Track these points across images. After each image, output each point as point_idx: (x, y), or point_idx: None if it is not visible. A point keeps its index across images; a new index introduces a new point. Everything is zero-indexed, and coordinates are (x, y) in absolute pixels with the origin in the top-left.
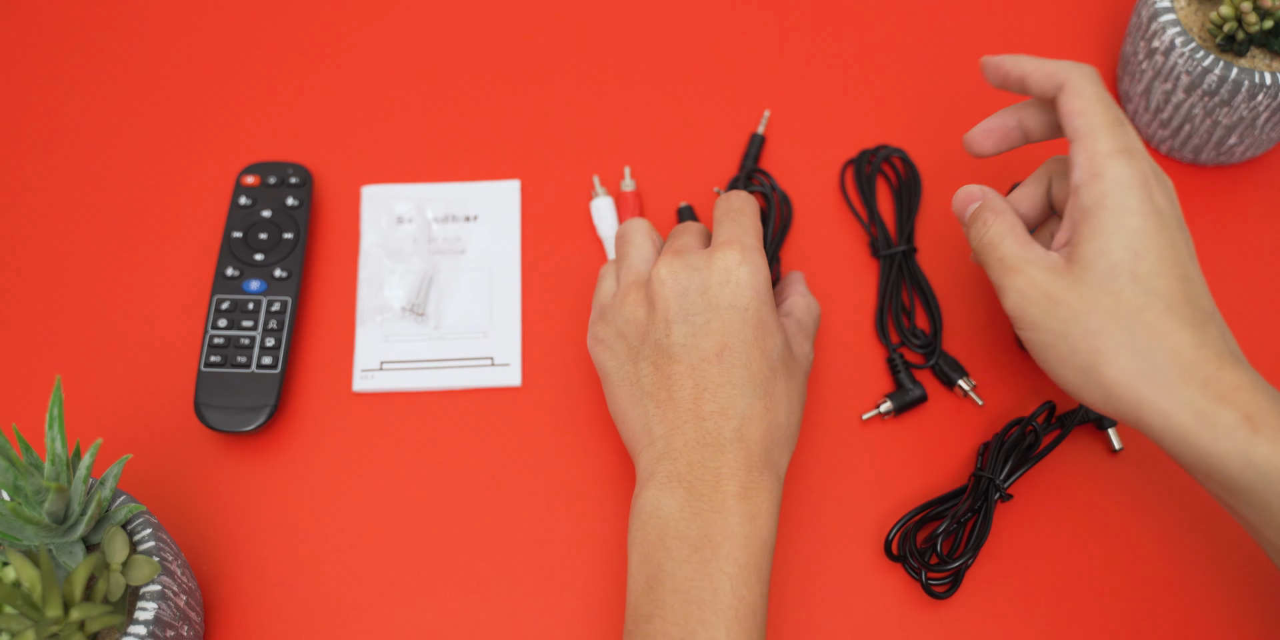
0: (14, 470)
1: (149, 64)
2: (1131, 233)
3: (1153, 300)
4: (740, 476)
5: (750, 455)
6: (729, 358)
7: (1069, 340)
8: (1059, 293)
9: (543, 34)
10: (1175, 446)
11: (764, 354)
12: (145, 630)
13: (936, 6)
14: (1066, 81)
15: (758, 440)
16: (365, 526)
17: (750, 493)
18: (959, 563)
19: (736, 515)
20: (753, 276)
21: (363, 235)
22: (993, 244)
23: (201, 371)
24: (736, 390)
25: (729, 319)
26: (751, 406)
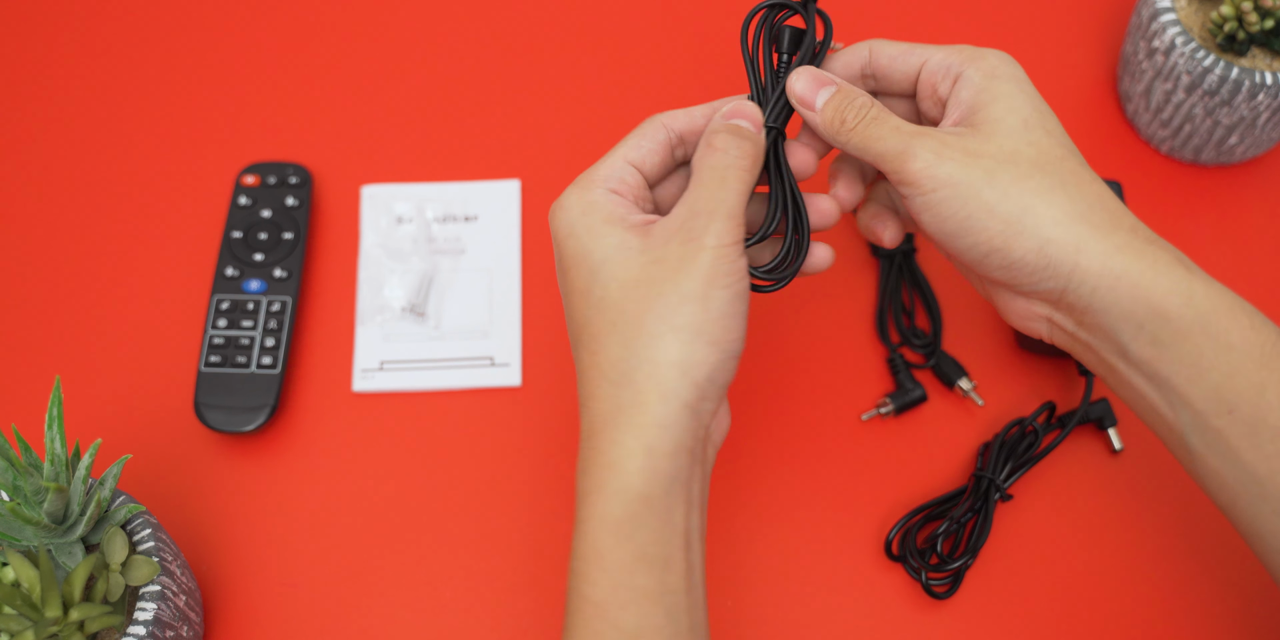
0: (13, 470)
1: (149, 64)
2: (1031, 98)
3: (1067, 153)
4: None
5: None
6: (568, 312)
7: (996, 185)
8: (976, 146)
9: (542, 33)
10: (1114, 291)
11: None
12: (145, 630)
13: (936, 7)
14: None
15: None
16: (365, 526)
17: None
18: (959, 563)
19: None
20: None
21: (363, 235)
22: (879, 117)
23: (201, 371)
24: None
25: (560, 254)
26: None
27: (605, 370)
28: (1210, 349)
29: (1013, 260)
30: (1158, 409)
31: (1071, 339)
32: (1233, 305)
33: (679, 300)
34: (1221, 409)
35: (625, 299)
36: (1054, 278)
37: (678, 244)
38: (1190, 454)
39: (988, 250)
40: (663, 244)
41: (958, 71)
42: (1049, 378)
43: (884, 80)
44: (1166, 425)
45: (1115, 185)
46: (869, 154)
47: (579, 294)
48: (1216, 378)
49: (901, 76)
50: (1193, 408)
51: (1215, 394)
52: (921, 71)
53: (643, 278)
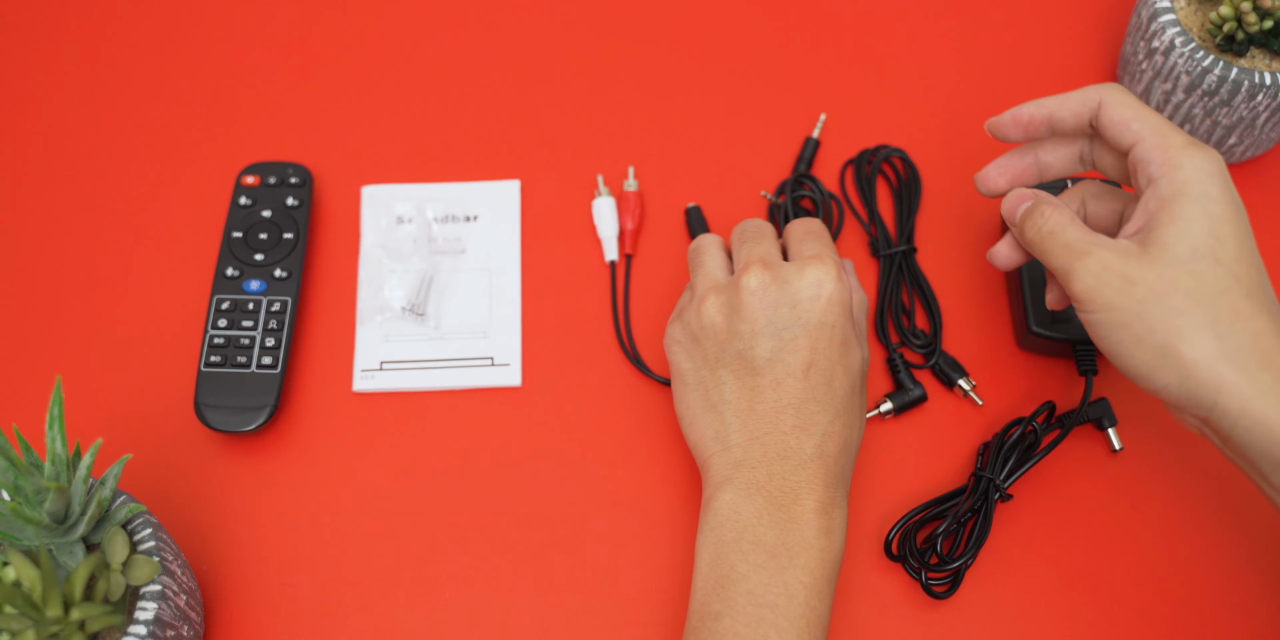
0: (14, 470)
1: (149, 64)
2: (1213, 219)
3: (1233, 284)
4: (819, 492)
5: (829, 471)
6: (814, 374)
7: (1146, 319)
8: (1136, 273)
9: (542, 33)
10: (1251, 433)
11: (846, 371)
12: (145, 630)
13: (936, 7)
14: (1102, 99)
15: (835, 457)
16: (365, 526)
17: (827, 508)
18: (959, 563)
19: (814, 528)
20: (842, 293)
21: (363, 235)
22: (1055, 232)
23: (201, 371)
24: (820, 407)
25: (817, 336)
26: (832, 424)
27: None
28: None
29: (1157, 388)
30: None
31: (1221, 446)
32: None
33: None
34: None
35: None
36: (1196, 408)
37: None
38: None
39: (1135, 374)
40: None
41: (1153, 175)
42: (1049, 378)
43: (1105, 139)
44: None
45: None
46: (1047, 265)
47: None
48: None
49: (1115, 146)
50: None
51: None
52: (1130, 154)
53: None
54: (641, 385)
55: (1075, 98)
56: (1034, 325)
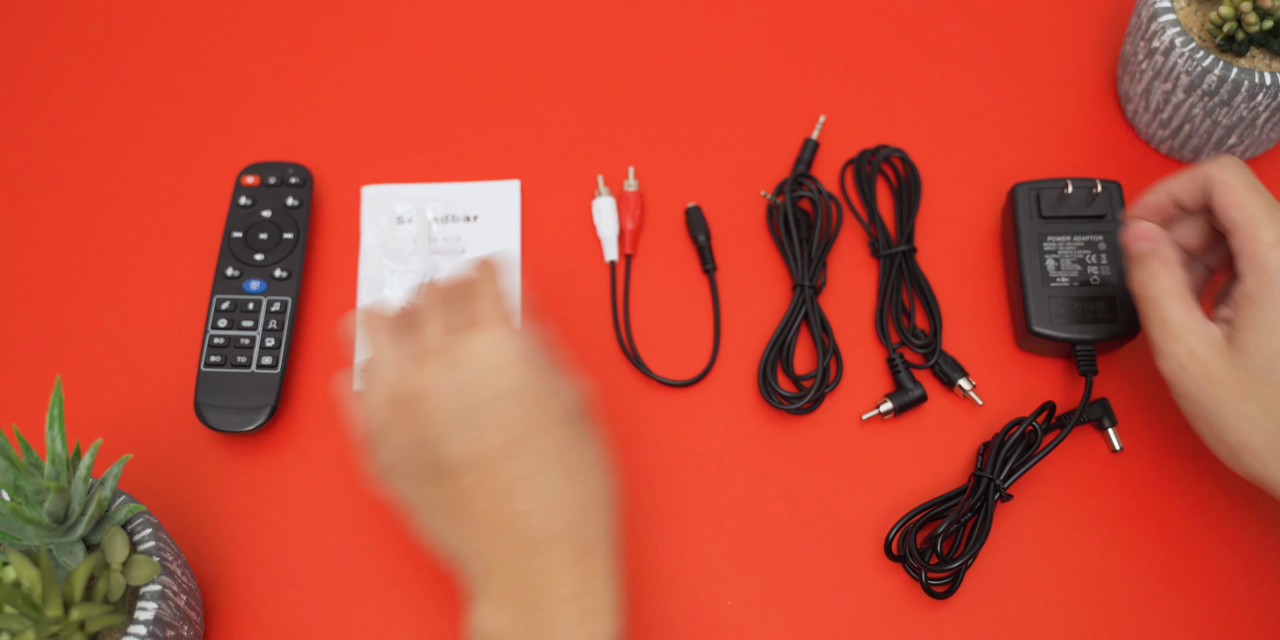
0: (14, 470)
1: (149, 64)
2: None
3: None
4: (569, 572)
5: (577, 542)
6: (522, 448)
7: (1221, 419)
8: (1217, 372)
9: (543, 33)
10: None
11: (555, 425)
12: (145, 630)
13: (936, 6)
14: (1212, 179)
15: (576, 523)
16: (365, 526)
17: (582, 589)
18: (959, 563)
19: (569, 621)
20: (521, 349)
21: (363, 235)
22: (1156, 301)
23: (201, 371)
24: (538, 480)
25: (511, 404)
26: (556, 491)
27: None
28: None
29: (1237, 473)
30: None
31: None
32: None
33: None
34: None
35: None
36: (1276, 492)
37: None
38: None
39: (1212, 449)
40: None
41: (1245, 269)
42: (1049, 378)
43: (1216, 219)
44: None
45: (1115, 185)
46: (1146, 327)
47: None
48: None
49: (1223, 227)
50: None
51: None
52: (1229, 240)
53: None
54: (641, 385)
55: (1188, 178)
56: (1034, 325)
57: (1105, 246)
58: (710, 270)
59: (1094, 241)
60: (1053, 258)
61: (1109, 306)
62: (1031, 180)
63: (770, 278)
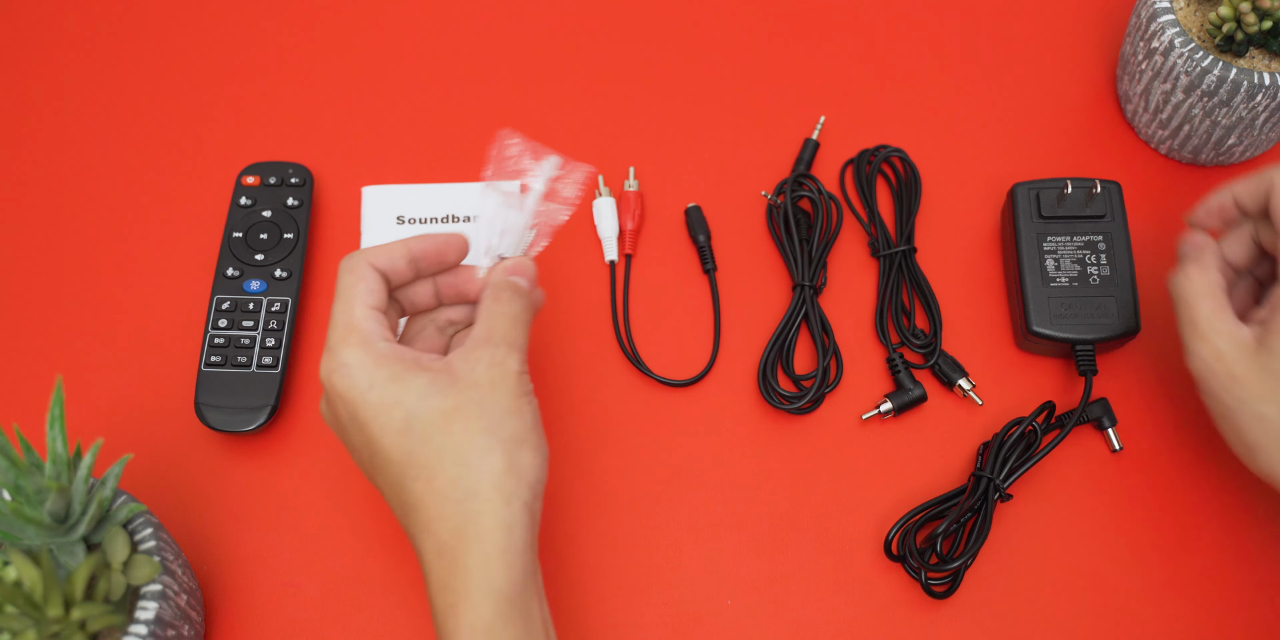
0: (15, 470)
1: (149, 64)
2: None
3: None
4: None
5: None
6: (379, 463)
7: (1240, 420)
8: (1241, 372)
9: (543, 33)
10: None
11: (398, 433)
12: (146, 630)
13: (936, 6)
14: (1274, 183)
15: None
16: (365, 526)
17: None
18: (959, 563)
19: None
20: (344, 378)
21: (363, 235)
22: (1189, 302)
23: (201, 371)
24: (396, 487)
25: (355, 429)
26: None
27: (445, 491)
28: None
29: (1253, 471)
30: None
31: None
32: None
33: (500, 415)
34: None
35: (450, 424)
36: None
37: (484, 368)
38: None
39: (1230, 445)
40: (469, 371)
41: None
42: (1049, 378)
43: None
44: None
45: (1115, 185)
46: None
47: (395, 434)
48: None
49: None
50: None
51: None
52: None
53: (461, 403)
54: (641, 385)
55: (1253, 180)
56: (1034, 325)
57: (1105, 246)
58: (710, 270)
59: (1094, 241)
60: (1052, 258)
61: (1109, 306)
62: (1031, 180)
63: (770, 278)
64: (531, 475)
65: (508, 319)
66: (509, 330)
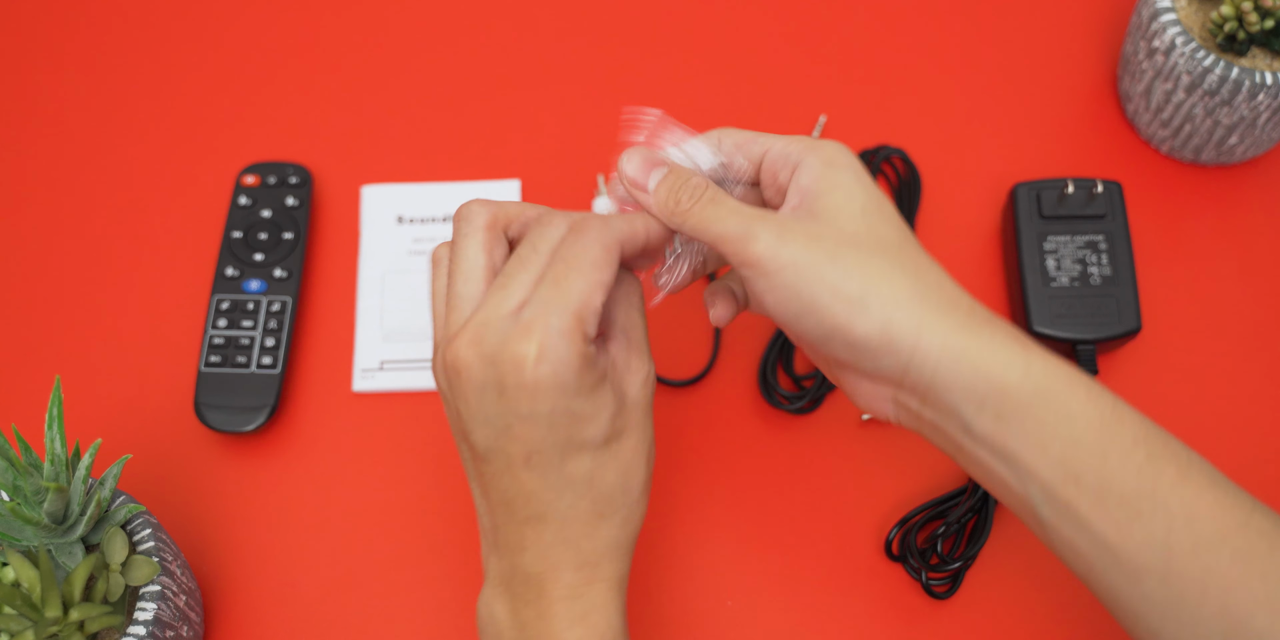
0: (13, 470)
1: (149, 64)
2: (868, 186)
3: (905, 237)
4: (566, 577)
5: (579, 552)
6: (538, 462)
7: (840, 265)
8: (818, 230)
9: (542, 33)
10: (954, 371)
11: (581, 448)
12: (145, 630)
13: (936, 7)
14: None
15: (581, 537)
16: (365, 526)
17: (580, 592)
18: (959, 563)
19: (564, 619)
20: (555, 375)
21: (362, 235)
22: (716, 199)
23: (201, 371)
24: (554, 494)
25: (531, 426)
26: (573, 507)
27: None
28: (1051, 419)
29: (855, 339)
30: (1008, 484)
31: (917, 420)
32: (1070, 376)
33: (648, 455)
34: (1068, 479)
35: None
36: (896, 357)
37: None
38: (1043, 526)
39: (830, 330)
40: (633, 391)
41: (797, 160)
42: None
43: (732, 169)
44: (1018, 499)
45: (1115, 185)
46: (708, 235)
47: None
48: (1059, 448)
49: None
50: (1040, 480)
51: (1060, 464)
52: (764, 159)
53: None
54: None
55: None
56: (1034, 325)
57: (1106, 246)
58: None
59: (1094, 241)
60: (1053, 257)
61: (1109, 306)
62: (1032, 180)
63: None
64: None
65: (642, 314)
66: (645, 329)
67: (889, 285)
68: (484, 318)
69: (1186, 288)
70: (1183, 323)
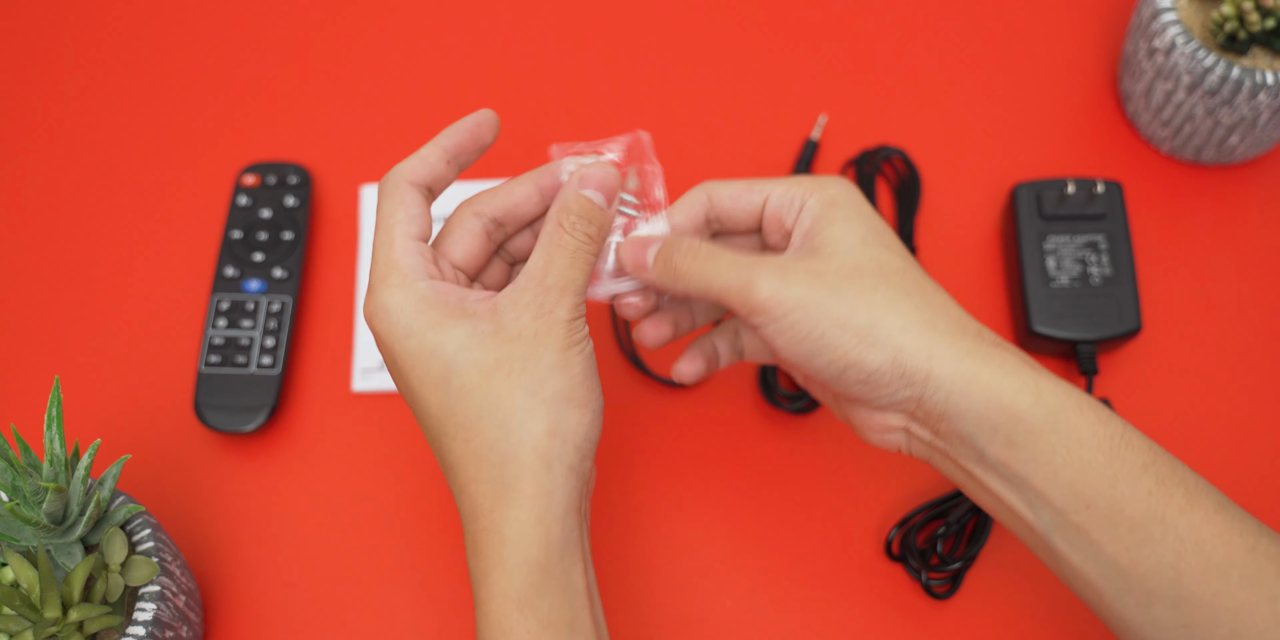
0: (13, 471)
1: (149, 64)
2: (867, 218)
3: (908, 265)
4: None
5: (471, 501)
6: (416, 410)
7: (845, 300)
8: (819, 266)
9: (542, 33)
10: (967, 394)
11: (433, 385)
12: (144, 631)
13: (936, 7)
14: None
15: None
16: (365, 526)
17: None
18: (959, 563)
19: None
20: (383, 322)
21: (363, 235)
22: (714, 254)
23: (201, 371)
24: (432, 440)
25: (396, 377)
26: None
27: (483, 453)
28: (1062, 445)
29: (869, 373)
30: (1018, 512)
31: (929, 449)
32: (1079, 401)
33: (544, 372)
34: (1079, 504)
35: (489, 382)
36: (909, 386)
37: (530, 318)
38: (1054, 554)
39: (844, 365)
40: (514, 321)
41: (801, 202)
42: None
43: (728, 221)
44: (1028, 527)
45: (1116, 185)
46: (711, 291)
47: (433, 387)
48: (1070, 473)
49: (745, 215)
50: (1052, 505)
51: (1071, 489)
52: (766, 206)
53: (502, 358)
54: (642, 385)
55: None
56: (1035, 325)
57: (1106, 246)
58: None
59: (1095, 241)
60: (1053, 257)
61: (1110, 306)
62: (1033, 180)
63: None
64: (579, 435)
65: (568, 252)
66: (567, 268)
67: (896, 314)
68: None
69: (1186, 288)
70: (1183, 323)
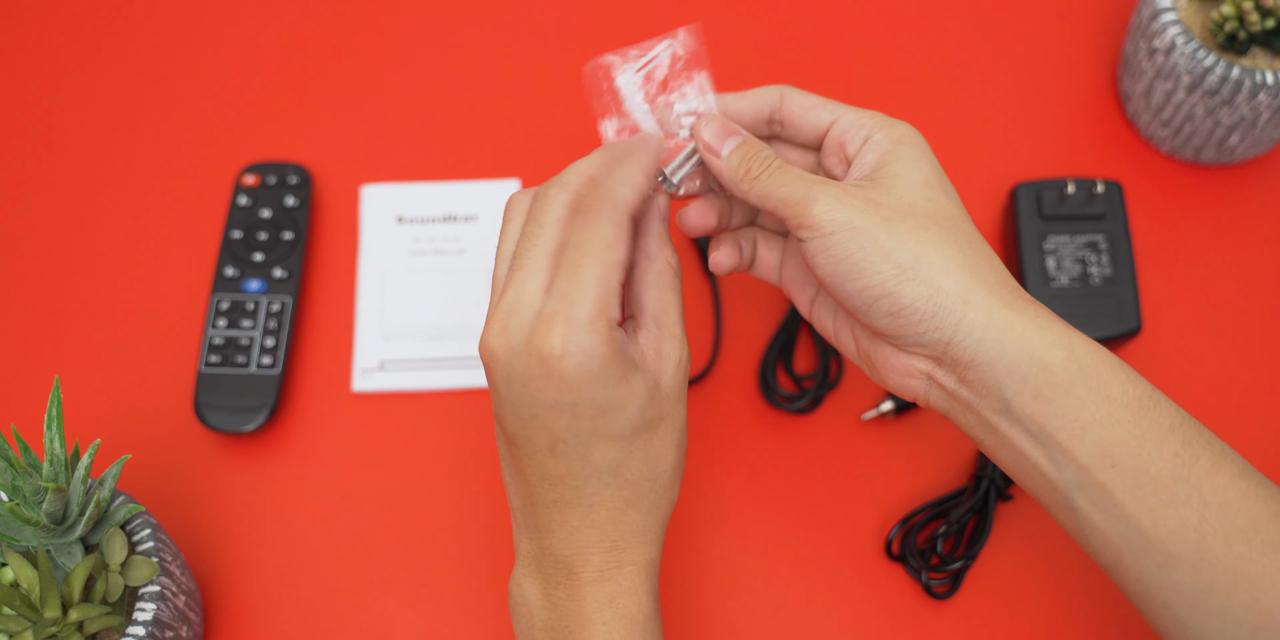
0: (12, 471)
1: (149, 64)
2: (933, 163)
3: (962, 215)
4: (595, 560)
5: (604, 538)
6: (564, 451)
7: (894, 231)
8: (877, 197)
9: (542, 33)
10: (1000, 343)
11: (608, 439)
12: (144, 631)
13: (936, 6)
14: (783, 93)
15: (608, 523)
16: (365, 526)
17: (608, 575)
18: (959, 563)
19: (594, 600)
20: (579, 367)
21: (362, 235)
22: (782, 168)
23: (201, 371)
24: (578, 482)
25: (555, 416)
26: (598, 494)
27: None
28: (1092, 402)
29: (902, 305)
30: (1041, 468)
31: (950, 399)
32: (1111, 360)
33: (683, 423)
34: (1105, 463)
35: (652, 437)
36: (940, 328)
37: (671, 372)
38: (1075, 513)
39: (879, 293)
40: (665, 376)
41: (868, 134)
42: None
43: (790, 129)
44: (1050, 485)
45: (1116, 185)
46: (770, 200)
47: (606, 440)
48: (1099, 431)
49: (810, 129)
50: (1077, 463)
51: (1098, 447)
52: (832, 128)
53: (663, 415)
54: None
55: (751, 95)
56: None
57: (1106, 246)
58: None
59: (1094, 241)
60: (1053, 257)
61: (1110, 306)
62: (1033, 180)
63: None
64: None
65: (677, 294)
66: (680, 310)
67: (941, 255)
68: (508, 306)
69: (1186, 288)
70: (1183, 323)
